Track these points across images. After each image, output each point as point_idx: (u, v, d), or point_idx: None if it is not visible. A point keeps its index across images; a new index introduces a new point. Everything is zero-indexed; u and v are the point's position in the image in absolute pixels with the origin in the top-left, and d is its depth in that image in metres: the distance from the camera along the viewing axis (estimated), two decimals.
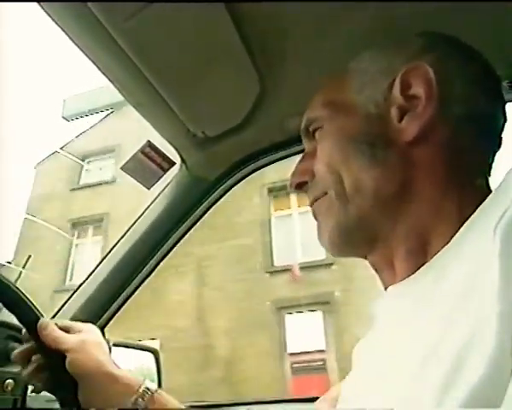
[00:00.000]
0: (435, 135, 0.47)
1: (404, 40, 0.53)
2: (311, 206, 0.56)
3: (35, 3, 0.59)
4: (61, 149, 11.43)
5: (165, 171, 0.93)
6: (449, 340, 0.31)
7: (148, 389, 0.61)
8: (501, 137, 0.51)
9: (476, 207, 0.42)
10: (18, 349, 0.60)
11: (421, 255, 0.45)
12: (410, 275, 0.45)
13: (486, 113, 0.48)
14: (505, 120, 0.51)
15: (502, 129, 0.51)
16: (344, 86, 0.54)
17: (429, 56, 0.48)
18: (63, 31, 0.63)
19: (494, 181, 0.50)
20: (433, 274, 0.41)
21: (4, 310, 0.58)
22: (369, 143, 0.49)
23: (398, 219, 0.47)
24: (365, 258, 0.53)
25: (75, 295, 0.99)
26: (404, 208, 0.47)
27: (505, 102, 0.52)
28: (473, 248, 0.35)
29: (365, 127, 0.50)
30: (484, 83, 0.49)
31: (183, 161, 0.95)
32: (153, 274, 1.03)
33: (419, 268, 0.44)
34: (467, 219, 0.41)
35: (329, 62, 0.62)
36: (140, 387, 0.60)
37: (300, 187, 0.57)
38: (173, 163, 0.94)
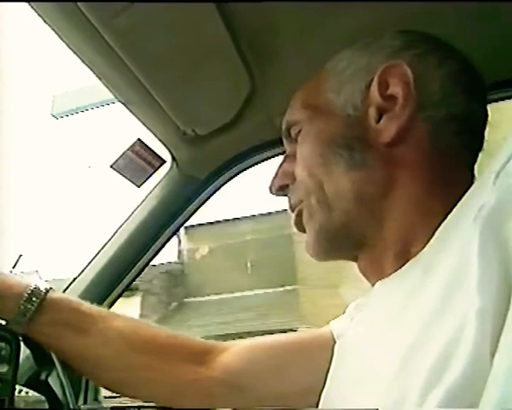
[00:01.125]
0: (414, 135, 0.46)
1: (383, 38, 0.51)
2: (291, 209, 0.56)
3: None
4: None
5: (155, 169, 0.93)
6: (434, 337, 0.30)
7: (38, 288, 0.61)
8: (483, 138, 0.50)
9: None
10: None
11: (407, 255, 0.44)
12: (396, 270, 0.45)
13: (467, 112, 0.47)
14: (486, 118, 0.51)
15: (483, 129, 0.50)
16: (322, 87, 0.53)
17: (407, 54, 0.48)
18: (51, 28, 0.63)
19: None
20: (419, 268, 0.40)
21: None
22: (348, 147, 0.48)
23: (383, 221, 0.46)
24: (355, 260, 0.52)
25: (67, 291, 0.98)
26: (388, 210, 0.46)
27: (487, 100, 0.51)
28: (455, 240, 0.34)
29: (343, 130, 0.49)
30: (464, 82, 0.48)
31: (173, 159, 0.95)
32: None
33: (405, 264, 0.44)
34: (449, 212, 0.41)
35: (320, 60, 0.62)
36: (27, 288, 0.61)
37: (282, 190, 0.57)
38: (164, 161, 0.93)
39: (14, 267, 0.77)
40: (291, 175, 0.55)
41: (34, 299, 0.60)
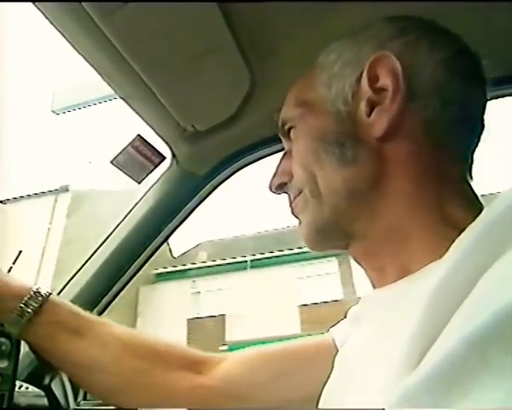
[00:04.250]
0: (407, 127, 0.44)
1: (372, 27, 0.50)
2: (290, 206, 0.56)
3: None
4: None
5: (155, 165, 0.93)
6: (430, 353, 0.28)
7: (38, 292, 0.62)
8: (483, 120, 0.48)
9: (453, 199, 0.41)
10: None
11: (405, 255, 0.43)
12: (396, 280, 0.43)
13: (462, 99, 0.45)
14: (485, 102, 0.48)
15: (482, 111, 0.48)
16: (314, 82, 0.52)
17: (397, 43, 0.46)
18: (52, 23, 0.62)
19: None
20: (420, 285, 0.36)
21: None
22: (339, 144, 0.47)
23: (374, 216, 0.45)
24: (345, 250, 0.51)
25: (68, 286, 0.98)
26: (381, 205, 0.45)
27: (485, 83, 0.48)
28: (463, 274, 0.29)
29: (334, 127, 0.48)
30: (459, 67, 0.46)
31: (173, 155, 0.95)
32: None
33: (406, 271, 0.42)
34: (444, 217, 0.39)
35: (319, 56, 0.62)
36: (29, 291, 0.61)
37: (281, 188, 0.57)
38: (164, 157, 0.93)
39: (14, 263, 0.77)
40: (289, 173, 0.55)
41: (34, 302, 0.61)
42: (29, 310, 0.60)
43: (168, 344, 0.70)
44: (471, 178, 0.47)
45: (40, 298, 0.61)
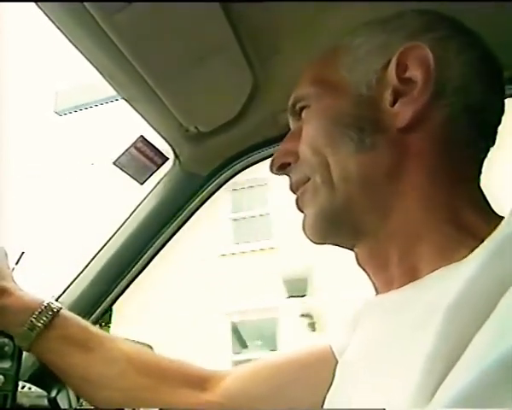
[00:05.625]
0: (429, 123, 0.43)
1: (403, 17, 0.48)
2: (292, 190, 0.53)
3: None
4: None
5: (158, 166, 0.93)
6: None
7: (49, 306, 0.62)
8: (496, 132, 0.48)
9: (466, 202, 0.40)
10: None
11: (412, 253, 0.42)
12: (403, 284, 0.41)
13: (483, 104, 0.45)
14: (502, 114, 0.48)
15: (498, 123, 0.48)
16: (335, 63, 0.50)
17: (429, 37, 0.45)
18: (54, 24, 0.62)
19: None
20: (432, 294, 0.35)
21: None
22: (358, 128, 0.45)
23: (386, 210, 0.44)
24: (351, 249, 0.50)
25: (68, 289, 0.98)
26: (394, 200, 0.44)
27: (505, 95, 0.49)
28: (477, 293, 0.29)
29: (355, 110, 0.46)
30: (483, 71, 0.45)
31: (176, 156, 0.95)
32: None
33: (413, 275, 0.41)
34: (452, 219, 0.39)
35: None
36: (40, 305, 0.62)
37: (283, 168, 0.54)
38: (166, 158, 0.93)
39: (16, 264, 0.77)
40: (294, 154, 0.51)
41: (44, 316, 0.61)
42: (39, 324, 0.60)
43: (172, 361, 0.70)
44: (479, 184, 0.46)
45: (51, 312, 0.62)
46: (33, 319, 0.60)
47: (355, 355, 0.48)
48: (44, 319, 0.61)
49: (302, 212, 0.52)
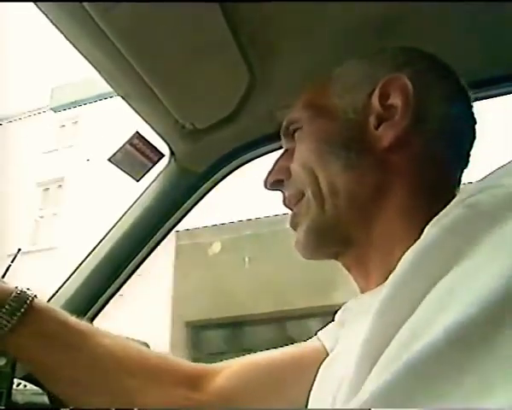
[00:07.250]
0: (409, 145, 0.49)
1: (386, 52, 0.55)
2: (285, 204, 0.57)
3: None
4: None
5: (154, 163, 0.92)
6: None
7: (20, 297, 0.53)
8: (469, 156, 0.54)
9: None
10: None
11: (392, 261, 0.40)
12: (382, 282, 0.43)
13: (457, 130, 0.51)
14: (474, 140, 0.54)
15: (470, 148, 0.54)
16: (327, 90, 0.55)
17: (409, 70, 0.50)
18: (50, 20, 0.62)
19: None
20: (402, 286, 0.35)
21: None
22: (345, 147, 0.51)
23: (372, 222, 0.49)
24: (336, 259, 0.54)
25: (63, 287, 0.98)
26: (378, 213, 0.48)
27: (475, 123, 0.55)
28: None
29: (342, 131, 0.52)
30: (457, 101, 0.52)
31: (172, 152, 0.95)
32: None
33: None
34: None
35: (318, 55, 0.62)
36: (11, 294, 0.52)
37: (276, 184, 0.59)
38: (162, 155, 0.93)
39: (12, 262, 0.77)
40: (287, 171, 0.56)
41: (16, 310, 0.52)
42: (10, 319, 0.51)
43: (159, 356, 0.65)
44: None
45: (22, 305, 0.52)
46: (3, 315, 0.51)
47: (337, 351, 0.52)
48: (16, 313, 0.51)
49: (295, 230, 0.55)
